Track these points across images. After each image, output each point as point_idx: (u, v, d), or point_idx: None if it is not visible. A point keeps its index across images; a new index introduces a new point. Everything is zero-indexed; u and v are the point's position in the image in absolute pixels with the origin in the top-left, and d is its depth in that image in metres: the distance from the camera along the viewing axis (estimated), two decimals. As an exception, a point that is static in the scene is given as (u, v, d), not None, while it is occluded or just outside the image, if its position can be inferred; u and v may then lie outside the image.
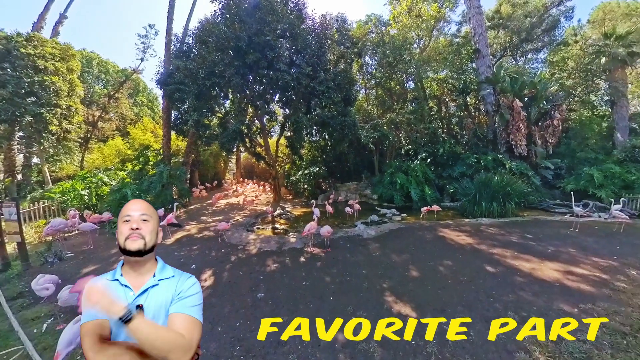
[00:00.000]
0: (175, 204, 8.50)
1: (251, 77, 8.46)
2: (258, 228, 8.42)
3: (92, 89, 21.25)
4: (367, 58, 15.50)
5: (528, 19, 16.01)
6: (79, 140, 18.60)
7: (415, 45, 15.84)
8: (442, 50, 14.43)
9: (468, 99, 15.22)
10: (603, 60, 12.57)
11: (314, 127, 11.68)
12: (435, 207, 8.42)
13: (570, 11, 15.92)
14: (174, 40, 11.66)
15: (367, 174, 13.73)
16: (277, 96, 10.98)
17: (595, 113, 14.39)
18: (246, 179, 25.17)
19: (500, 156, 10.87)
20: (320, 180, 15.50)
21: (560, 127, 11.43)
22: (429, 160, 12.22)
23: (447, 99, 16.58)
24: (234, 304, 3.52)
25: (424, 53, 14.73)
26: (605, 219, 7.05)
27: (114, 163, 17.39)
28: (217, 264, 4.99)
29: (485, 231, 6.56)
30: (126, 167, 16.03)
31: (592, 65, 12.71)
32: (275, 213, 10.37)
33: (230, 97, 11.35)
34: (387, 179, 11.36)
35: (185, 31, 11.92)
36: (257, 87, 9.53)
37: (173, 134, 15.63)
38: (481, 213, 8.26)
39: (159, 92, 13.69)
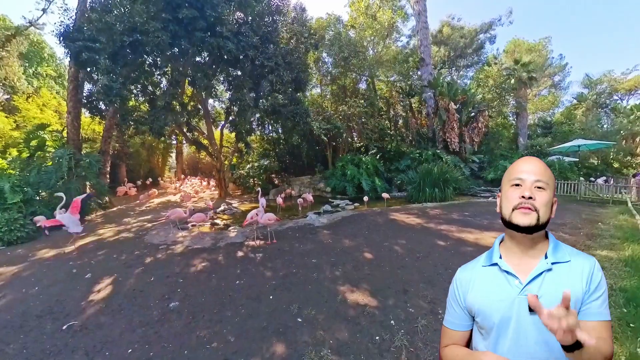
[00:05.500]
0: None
1: (187, 42, 6.93)
2: (194, 225, 7.07)
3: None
4: (324, 54, 15.48)
5: (462, 39, 19.89)
6: None
7: (369, 48, 16.63)
8: (392, 57, 15.52)
9: (412, 102, 16.80)
10: (512, 81, 16.14)
11: (266, 117, 10.68)
12: (385, 195, 8.67)
13: (493, 38, 21.07)
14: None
15: (321, 168, 13.54)
16: (223, 76, 9.65)
17: (505, 121, 17.75)
18: (189, 176, 22.15)
19: (438, 151, 12.21)
20: (273, 174, 14.66)
21: (483, 130, 13.59)
22: (378, 155, 12.93)
23: (394, 101, 18.05)
24: (132, 321, 2.54)
25: (377, 56, 15.59)
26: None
27: (-10, 148, 12.90)
28: (122, 269, 3.81)
29: (430, 212, 6.96)
30: (9, 153, 12.05)
31: (505, 84, 15.95)
32: (219, 209, 9.13)
33: (166, 69, 9.27)
34: (339, 172, 11.41)
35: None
36: (196, 57, 8.10)
37: (87, 116, 12.38)
38: (425, 198, 8.95)
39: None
